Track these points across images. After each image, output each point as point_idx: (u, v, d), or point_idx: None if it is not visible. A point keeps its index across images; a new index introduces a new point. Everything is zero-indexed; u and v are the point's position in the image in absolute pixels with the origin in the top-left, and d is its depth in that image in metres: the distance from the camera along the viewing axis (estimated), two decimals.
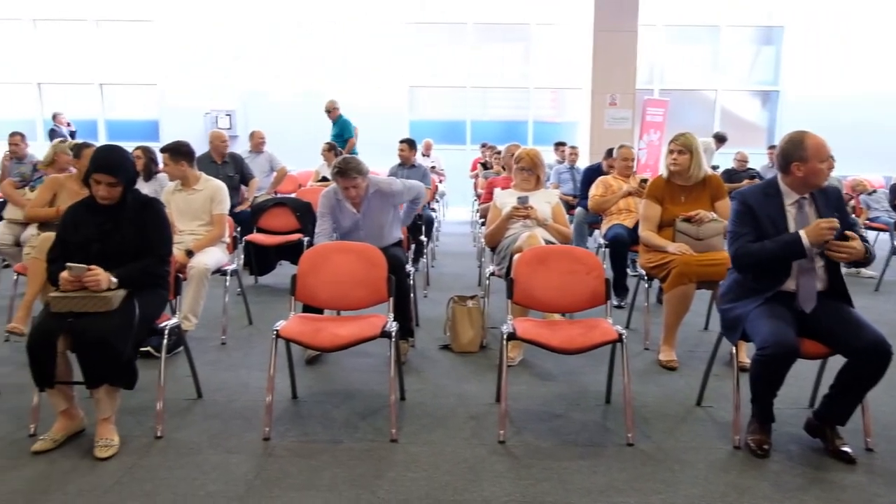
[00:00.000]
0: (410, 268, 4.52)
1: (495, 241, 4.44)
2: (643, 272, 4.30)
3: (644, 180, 5.26)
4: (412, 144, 7.47)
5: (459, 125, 13.11)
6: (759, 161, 9.94)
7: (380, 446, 2.97)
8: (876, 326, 2.79)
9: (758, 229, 2.97)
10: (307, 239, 5.65)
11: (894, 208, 7.26)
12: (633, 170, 5.78)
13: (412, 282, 4.52)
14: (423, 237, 6.23)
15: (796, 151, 2.91)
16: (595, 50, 10.22)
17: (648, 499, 2.55)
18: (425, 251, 6.38)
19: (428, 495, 2.57)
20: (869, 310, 4.93)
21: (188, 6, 12.38)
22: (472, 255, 7.49)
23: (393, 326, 3.18)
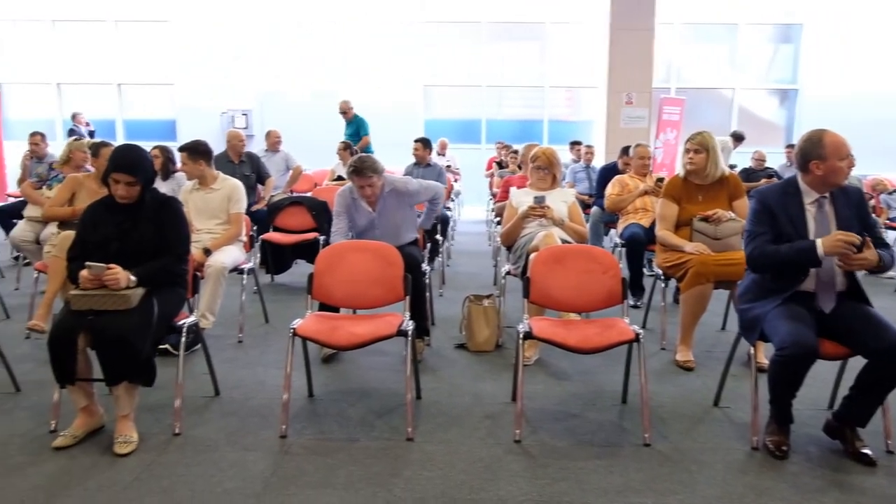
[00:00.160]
0: (426, 267, 4.53)
1: (511, 240, 4.43)
2: (660, 272, 4.28)
3: (660, 179, 5.23)
4: (427, 143, 7.47)
5: (475, 124, 13.09)
6: (777, 160, 9.85)
7: (396, 445, 2.97)
8: None
9: (775, 228, 2.94)
10: (323, 238, 5.66)
11: None
12: (650, 169, 5.76)
13: (428, 281, 4.53)
14: (439, 236, 6.23)
15: (815, 150, 2.88)
16: (611, 48, 10.16)
17: (665, 499, 2.54)
18: (441, 250, 6.39)
19: (444, 494, 2.57)
20: (889, 310, 4.85)
21: (205, 7, 12.48)
22: (488, 255, 7.49)
23: (409, 325, 3.19)
